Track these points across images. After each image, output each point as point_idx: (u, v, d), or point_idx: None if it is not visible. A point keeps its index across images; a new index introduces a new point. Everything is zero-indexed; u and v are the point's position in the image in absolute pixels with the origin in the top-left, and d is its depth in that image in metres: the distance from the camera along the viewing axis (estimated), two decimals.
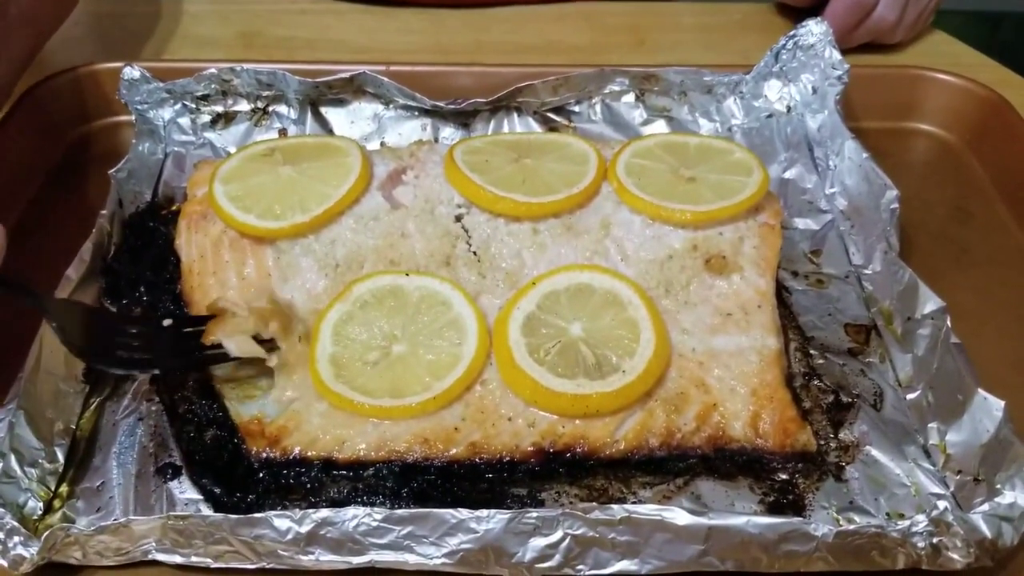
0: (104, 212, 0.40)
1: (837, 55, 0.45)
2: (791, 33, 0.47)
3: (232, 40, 0.58)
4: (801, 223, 0.43)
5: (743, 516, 0.28)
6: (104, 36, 0.59)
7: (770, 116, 0.47)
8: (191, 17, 0.61)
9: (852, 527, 0.28)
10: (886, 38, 0.55)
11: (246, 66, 0.47)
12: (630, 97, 0.48)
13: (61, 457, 0.33)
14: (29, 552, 0.29)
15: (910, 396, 0.35)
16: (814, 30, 0.46)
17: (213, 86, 0.47)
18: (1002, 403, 0.31)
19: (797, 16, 0.59)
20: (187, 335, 0.36)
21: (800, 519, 0.28)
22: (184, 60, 0.50)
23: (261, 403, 0.35)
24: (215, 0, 0.66)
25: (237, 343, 0.34)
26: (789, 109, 0.47)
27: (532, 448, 0.33)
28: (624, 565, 0.29)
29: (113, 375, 0.36)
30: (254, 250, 0.39)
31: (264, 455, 0.33)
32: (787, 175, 0.45)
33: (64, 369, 0.35)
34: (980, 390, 0.31)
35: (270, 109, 0.48)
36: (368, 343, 0.35)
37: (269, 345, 0.35)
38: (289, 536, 0.28)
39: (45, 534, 0.29)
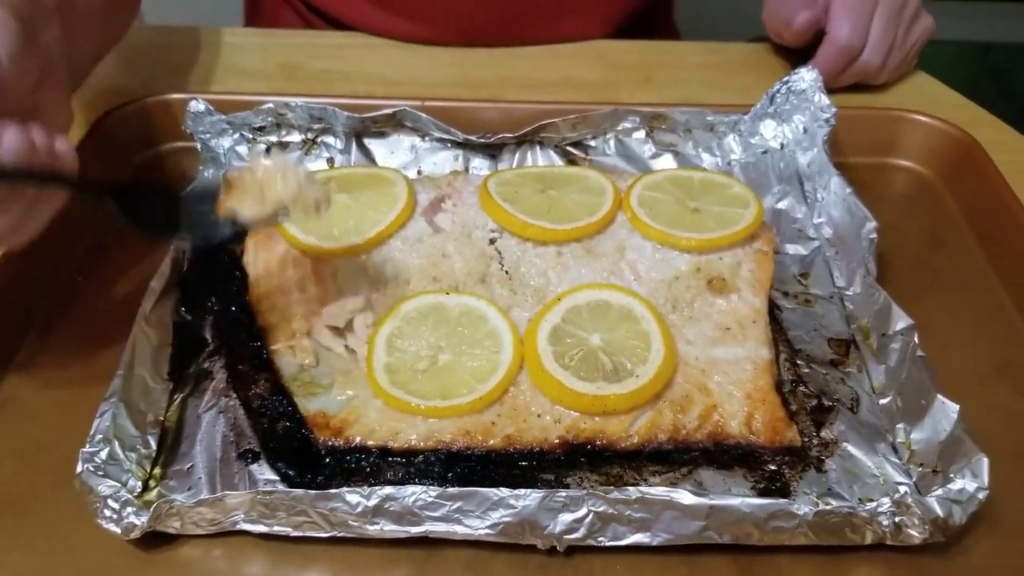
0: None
1: (825, 99, 0.51)
2: (784, 79, 0.52)
3: (274, 72, 0.64)
4: (792, 249, 0.49)
5: (738, 498, 0.34)
6: (154, 65, 0.64)
7: (765, 152, 0.53)
8: (234, 48, 0.66)
9: (828, 508, 0.34)
10: (872, 80, 0.61)
11: (299, 101, 0.52)
12: (640, 134, 0.53)
13: (153, 444, 0.38)
14: (140, 520, 0.34)
15: (882, 401, 0.41)
16: (805, 77, 0.52)
17: (269, 119, 0.52)
18: (957, 407, 0.36)
19: (791, 54, 0.64)
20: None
21: (786, 501, 0.34)
22: (242, 93, 0.55)
23: (324, 399, 0.40)
24: (255, 33, 0.72)
25: (250, 211, 0.38)
26: (782, 146, 0.52)
27: (558, 440, 0.38)
28: (638, 538, 0.34)
29: (192, 375, 0.41)
30: (314, 267, 0.44)
31: (329, 443, 0.38)
32: (780, 206, 0.51)
33: (152, 368, 0.40)
34: (939, 396, 0.37)
35: (319, 140, 0.53)
36: (417, 353, 0.40)
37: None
38: (359, 509, 0.33)
39: (154, 505, 0.34)
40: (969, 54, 1.69)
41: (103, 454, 0.35)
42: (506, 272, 0.44)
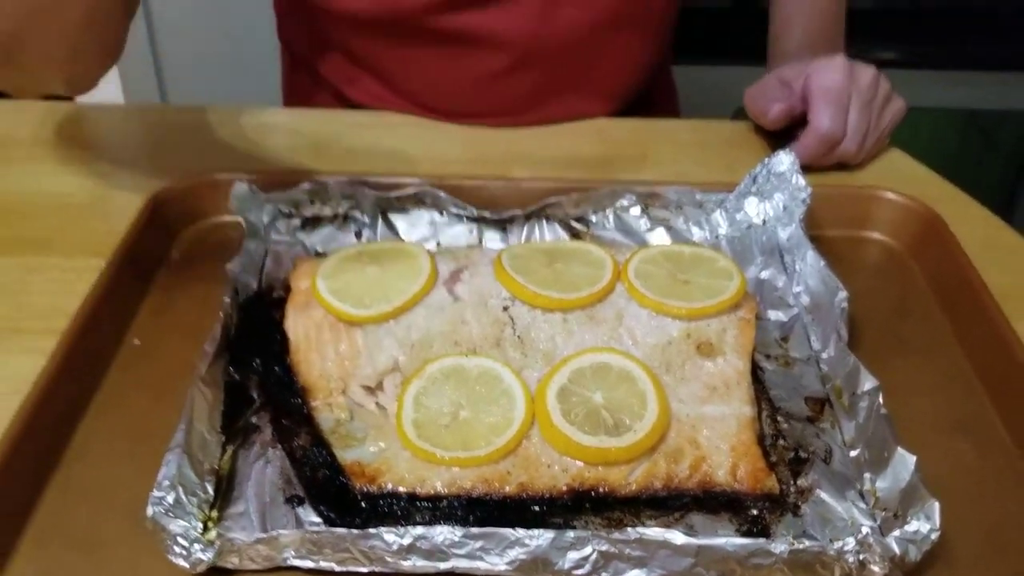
0: (226, 299, 0.51)
1: (802, 180, 0.57)
2: (765, 160, 0.58)
3: (305, 150, 0.70)
4: (773, 315, 0.54)
5: (723, 538, 0.39)
6: (196, 143, 0.71)
7: (749, 227, 0.58)
8: (268, 128, 0.73)
9: (802, 547, 0.39)
10: (849, 161, 0.67)
11: (331, 180, 0.58)
12: (636, 210, 0.59)
13: (211, 490, 0.43)
14: (206, 556, 0.39)
15: (852, 453, 0.46)
16: (784, 159, 0.58)
17: (305, 196, 0.58)
18: (914, 458, 0.41)
19: (773, 132, 0.71)
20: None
21: (765, 540, 0.39)
22: (280, 172, 0.61)
23: (359, 451, 0.45)
24: (288, 112, 0.79)
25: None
26: (764, 222, 0.58)
27: (566, 488, 0.43)
28: (636, 573, 0.39)
29: (241, 428, 0.47)
30: (348, 332, 0.49)
31: (364, 489, 0.43)
32: (763, 276, 0.56)
33: (207, 423, 0.45)
34: (899, 448, 0.42)
35: (349, 215, 0.59)
36: (440, 410, 0.46)
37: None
38: (395, 546, 0.39)
39: (217, 542, 0.39)
40: (956, 119, 1.76)
41: (170, 498, 0.40)
42: (518, 337, 0.49)
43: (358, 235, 0.59)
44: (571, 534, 0.39)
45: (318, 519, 0.42)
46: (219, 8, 1.48)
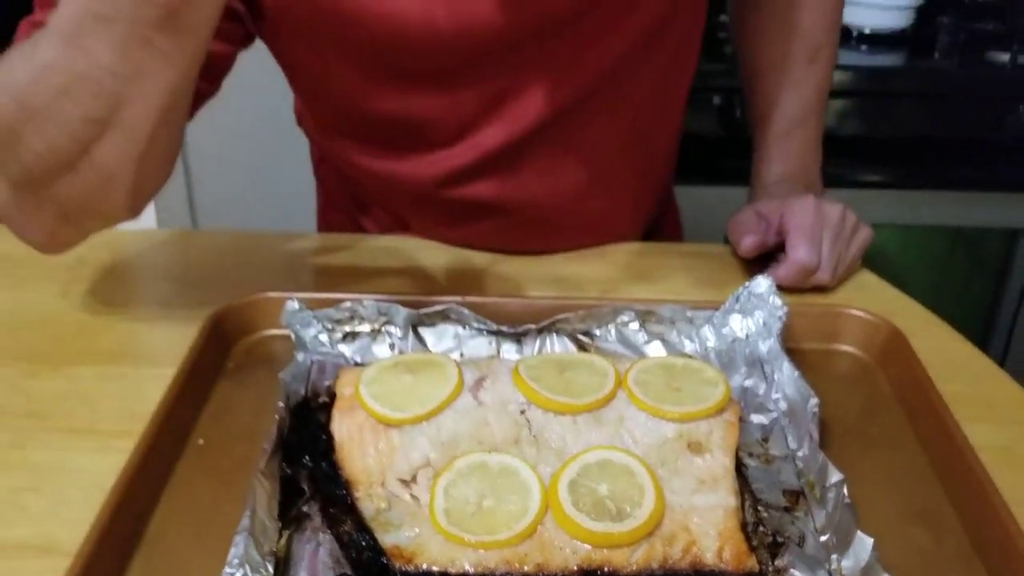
0: (280, 404, 0.59)
1: (778, 301, 0.66)
2: (746, 284, 0.67)
3: (341, 271, 0.79)
4: (755, 418, 0.62)
5: None
6: (244, 265, 0.80)
7: (734, 341, 0.67)
8: (310, 252, 0.82)
9: None
10: (824, 286, 0.75)
11: (368, 299, 0.67)
12: (635, 325, 0.68)
13: (271, 569, 0.50)
14: None
15: (822, 538, 0.53)
16: (762, 283, 0.67)
17: (345, 313, 0.67)
18: (871, 540, 0.48)
19: (757, 258, 0.79)
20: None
21: None
22: (324, 292, 0.70)
23: (396, 535, 0.52)
24: (324, 238, 0.88)
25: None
26: (747, 336, 0.67)
27: (576, 568, 0.50)
28: None
29: (295, 516, 0.54)
30: (386, 432, 0.57)
31: (403, 569, 0.50)
32: (746, 384, 0.64)
33: (267, 511, 0.53)
34: (859, 532, 0.49)
35: (383, 329, 0.67)
36: (467, 499, 0.53)
37: None
38: None
39: None
40: (943, 235, 1.87)
41: (239, 574, 0.48)
42: (534, 436, 0.57)
43: (391, 347, 0.67)
44: None
45: None
46: (253, 143, 1.60)
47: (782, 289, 0.73)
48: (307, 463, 0.57)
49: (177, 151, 0.61)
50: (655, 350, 0.67)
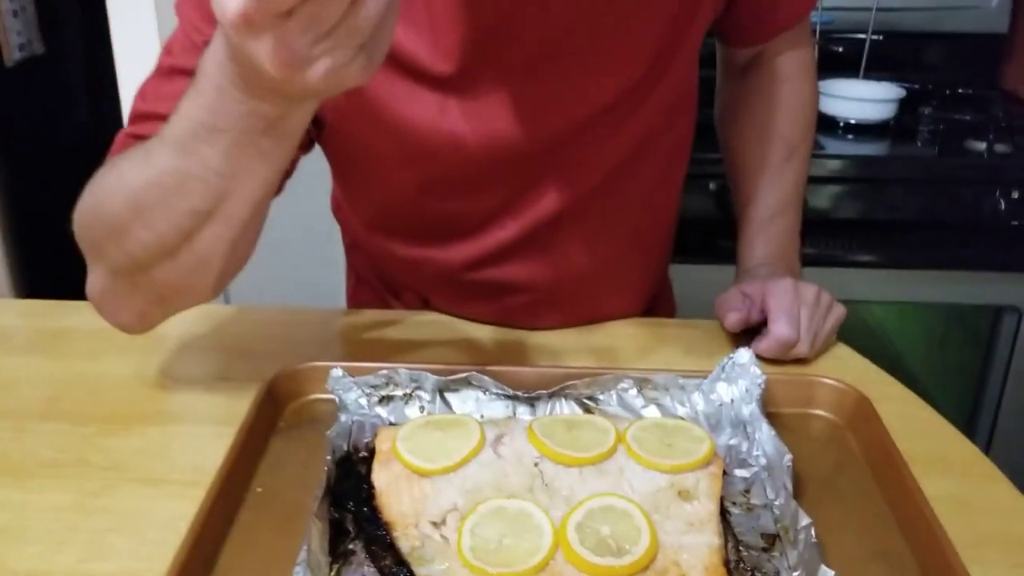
0: (328, 457, 0.68)
1: (758, 371, 0.75)
2: (730, 355, 0.77)
3: (376, 343, 0.89)
4: (739, 472, 0.71)
5: None
6: (293, 338, 0.91)
7: (720, 405, 0.76)
8: (348, 327, 0.93)
9: None
10: (802, 357, 0.85)
11: (402, 368, 0.77)
12: (634, 391, 0.77)
13: None
14: None
15: (794, 574, 0.62)
16: (744, 354, 0.76)
17: (382, 380, 0.77)
18: (832, 572, 0.58)
19: (742, 332, 0.89)
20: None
21: None
22: (363, 361, 0.80)
23: (430, 568, 0.61)
24: (358, 313, 0.99)
25: None
26: (732, 401, 0.76)
27: None
28: None
29: (342, 552, 0.63)
30: (419, 481, 0.67)
31: None
32: (731, 442, 0.74)
33: (319, 548, 0.62)
34: (823, 566, 0.58)
35: (414, 393, 0.77)
36: (489, 538, 0.62)
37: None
38: None
39: None
40: (938, 312, 1.96)
41: None
42: (546, 485, 0.67)
43: (421, 409, 0.77)
44: None
45: None
46: (284, 224, 1.71)
47: (765, 360, 0.83)
48: (352, 508, 0.67)
49: (258, 236, 0.72)
50: (651, 413, 0.77)
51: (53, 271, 1.94)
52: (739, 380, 0.76)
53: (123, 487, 0.71)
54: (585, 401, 0.78)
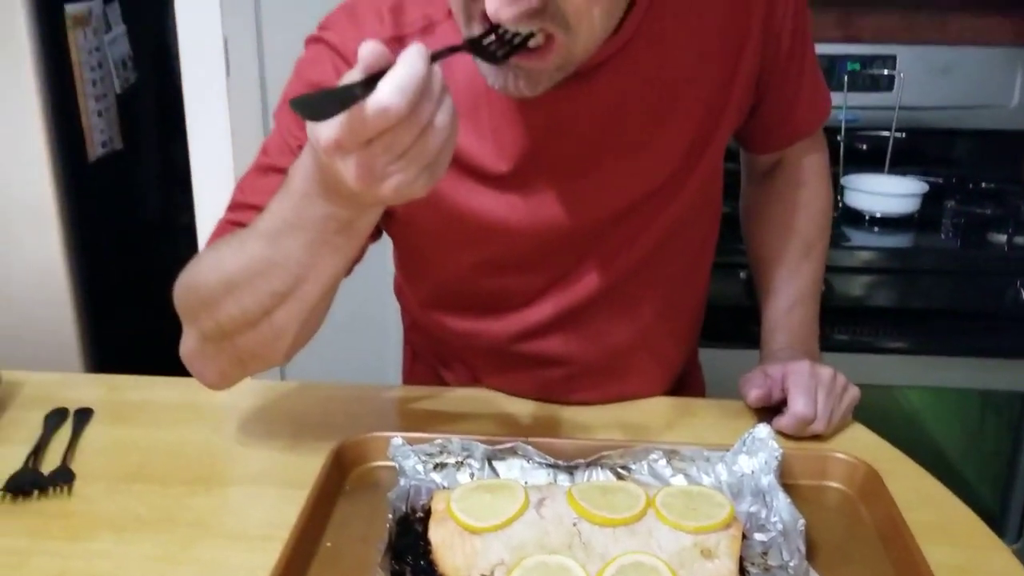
0: (389, 516, 0.77)
1: (775, 445, 0.83)
2: (750, 431, 0.85)
3: (431, 415, 0.98)
4: (757, 536, 0.78)
5: None
6: (354, 411, 1.00)
7: (742, 476, 0.84)
8: (405, 400, 1.02)
9: None
10: (819, 434, 0.93)
11: (454, 438, 0.86)
12: (663, 462, 0.85)
13: None
14: None
15: None
16: (763, 430, 0.84)
17: (436, 448, 0.86)
18: None
19: (763, 408, 0.97)
20: None
21: None
22: (418, 432, 0.89)
23: None
24: (414, 389, 1.08)
25: None
26: (752, 472, 0.83)
27: None
28: None
29: None
30: (470, 538, 0.75)
31: None
32: (751, 509, 0.81)
33: None
34: None
35: (465, 461, 0.86)
36: None
37: None
38: None
39: None
40: (971, 398, 2.00)
41: None
42: (583, 543, 0.74)
43: (471, 475, 0.85)
44: None
45: None
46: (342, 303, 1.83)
47: (786, 436, 0.91)
48: (411, 561, 0.75)
49: (326, 313, 0.83)
50: (678, 481, 0.85)
51: (123, 346, 2.08)
52: (759, 453, 0.84)
53: (207, 541, 0.80)
54: (619, 470, 0.86)
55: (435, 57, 0.59)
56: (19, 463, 0.89)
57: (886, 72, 2.02)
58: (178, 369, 0.93)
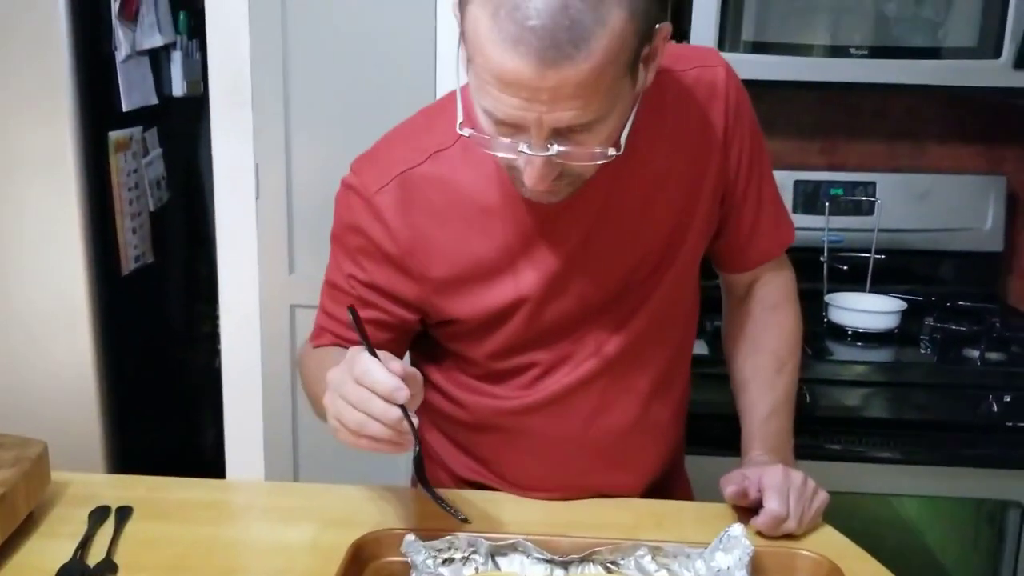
0: None
1: (747, 543, 0.92)
2: (726, 529, 0.95)
3: (436, 513, 1.08)
4: None
5: None
6: (368, 510, 1.11)
7: (719, 571, 0.93)
8: (415, 500, 1.13)
9: None
10: (791, 533, 1.03)
11: (461, 535, 0.96)
12: (648, 558, 0.94)
13: None
14: None
15: None
16: (737, 529, 0.94)
17: (445, 545, 0.96)
18: None
19: (740, 509, 1.07)
20: None
21: None
22: (431, 530, 0.99)
23: None
24: (421, 489, 1.18)
25: None
26: (728, 567, 0.93)
27: None
28: None
29: None
30: None
31: None
32: None
33: None
34: None
35: (470, 556, 0.96)
36: None
37: None
38: None
39: None
40: (966, 507, 2.05)
41: None
42: None
43: (476, 570, 0.95)
44: None
45: None
46: None
47: (762, 536, 1.01)
48: None
49: None
50: (661, 575, 0.95)
51: (145, 448, 2.18)
52: (734, 550, 0.94)
53: None
54: (609, 564, 0.96)
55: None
56: (67, 556, 0.99)
57: (866, 198, 2.17)
58: (197, 467, 1.05)
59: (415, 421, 0.88)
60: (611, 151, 0.85)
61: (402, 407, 0.86)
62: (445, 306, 1.03)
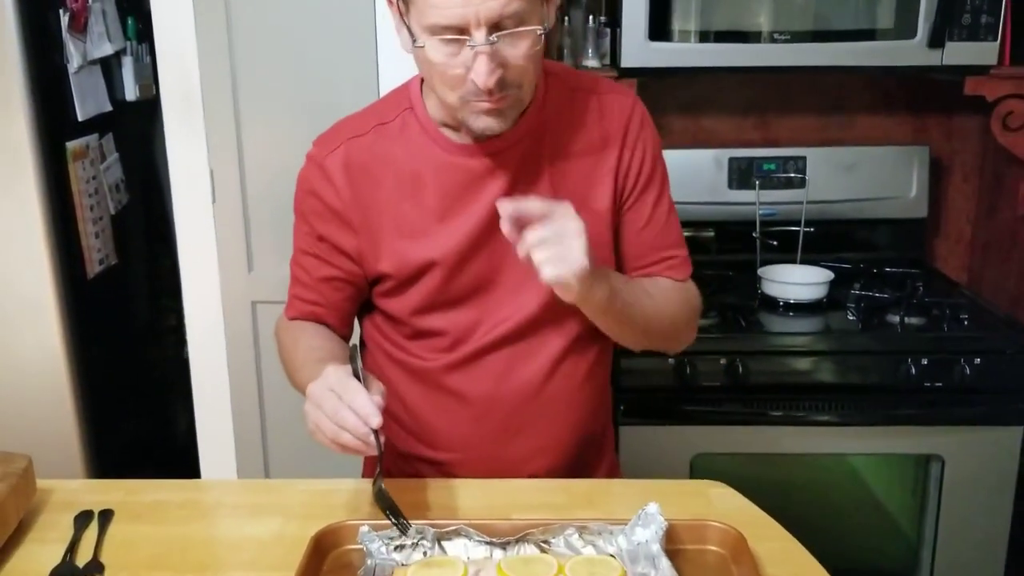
0: None
1: (662, 519, 1.04)
2: (643, 508, 1.06)
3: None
4: None
5: None
6: (329, 503, 1.22)
7: (638, 544, 1.04)
8: (368, 494, 1.24)
9: None
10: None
11: (411, 524, 1.08)
12: (576, 535, 1.06)
13: None
14: None
15: None
16: (652, 508, 1.06)
17: (396, 533, 1.07)
18: None
19: (668, 500, 1.19)
20: None
21: None
22: (381, 520, 1.11)
23: None
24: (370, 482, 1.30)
25: None
26: (646, 541, 1.04)
27: None
28: None
29: None
30: None
31: None
32: (642, 571, 1.02)
33: None
34: None
35: (419, 543, 1.07)
36: None
37: None
38: None
39: None
40: (909, 464, 2.17)
41: None
42: None
43: (424, 554, 1.07)
44: None
45: None
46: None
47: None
48: None
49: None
50: (589, 551, 1.06)
51: (121, 442, 2.28)
52: (651, 525, 1.06)
53: None
54: (541, 544, 1.08)
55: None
56: (58, 559, 1.09)
57: (796, 174, 2.29)
58: (171, 455, 1.16)
59: (382, 439, 1.03)
60: (539, 30, 1.03)
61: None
62: (375, 260, 1.20)
